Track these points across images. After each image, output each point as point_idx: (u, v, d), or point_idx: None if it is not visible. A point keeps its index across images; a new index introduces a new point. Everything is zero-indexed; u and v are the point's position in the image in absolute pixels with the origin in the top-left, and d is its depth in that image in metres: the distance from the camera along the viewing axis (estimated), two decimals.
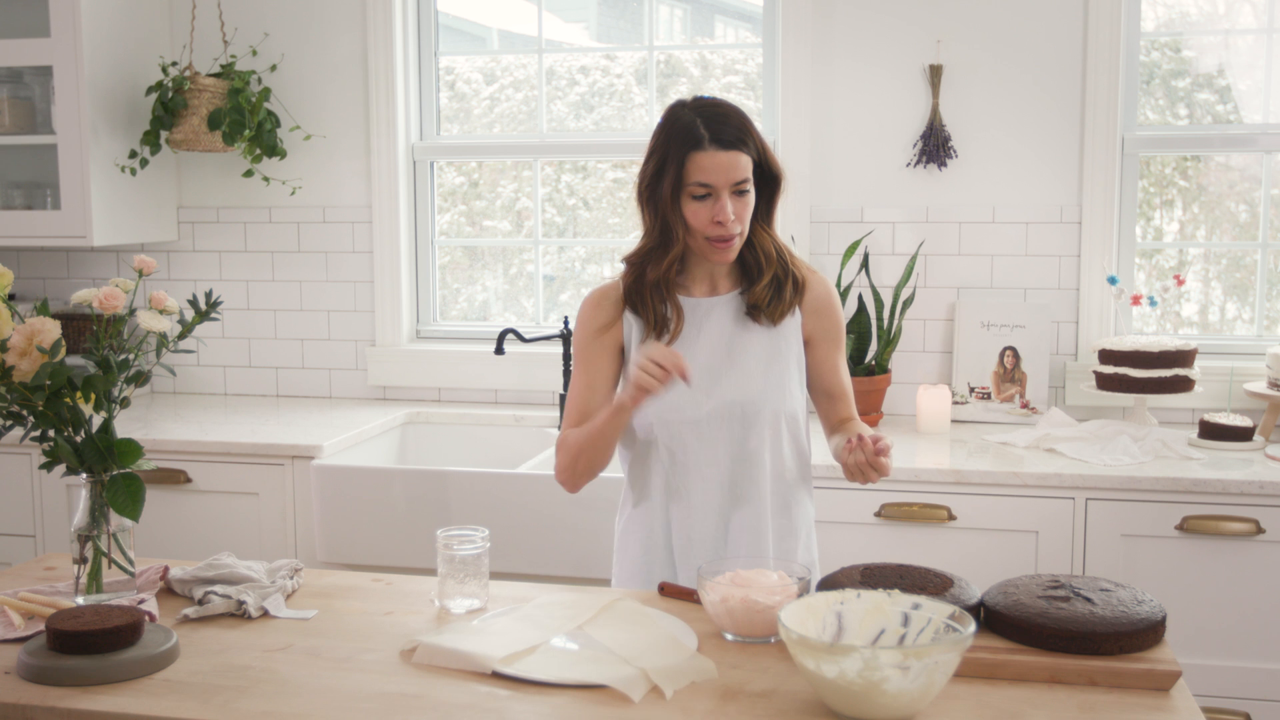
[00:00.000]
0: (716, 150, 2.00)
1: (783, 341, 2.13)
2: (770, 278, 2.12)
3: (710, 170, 2.00)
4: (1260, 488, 2.65)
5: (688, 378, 1.92)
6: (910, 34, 3.33)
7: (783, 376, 2.12)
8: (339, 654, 1.69)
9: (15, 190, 3.59)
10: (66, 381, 1.77)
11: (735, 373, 2.10)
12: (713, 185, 2.01)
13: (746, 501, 2.11)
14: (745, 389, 2.10)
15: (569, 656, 1.65)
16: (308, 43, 3.65)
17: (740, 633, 1.71)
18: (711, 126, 2.02)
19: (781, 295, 2.12)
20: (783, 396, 2.12)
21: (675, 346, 2.10)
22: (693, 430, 2.10)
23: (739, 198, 2.03)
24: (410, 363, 3.67)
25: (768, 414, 2.10)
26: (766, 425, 2.11)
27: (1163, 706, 1.50)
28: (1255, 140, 3.28)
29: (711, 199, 2.02)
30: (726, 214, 2.01)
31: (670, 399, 2.07)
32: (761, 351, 2.12)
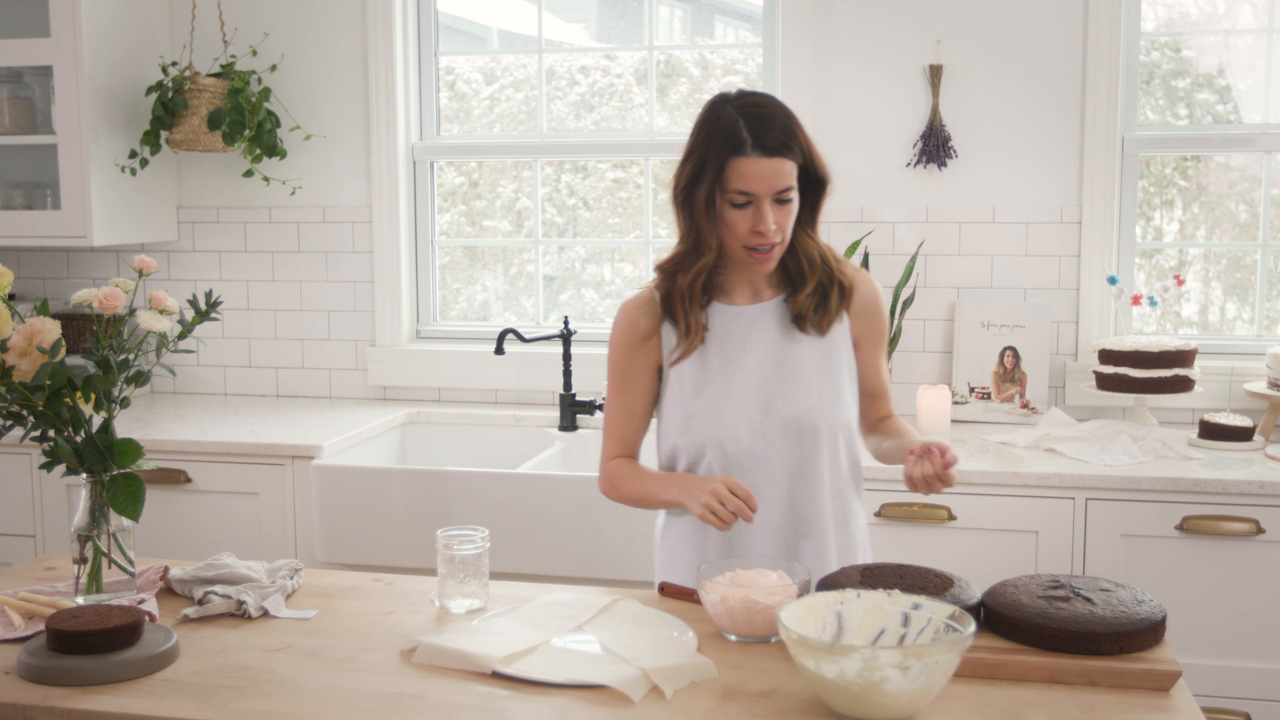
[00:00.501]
0: (759, 157, 1.88)
1: (834, 350, 2.03)
2: (814, 286, 2.00)
3: (752, 178, 1.89)
4: (1260, 488, 2.65)
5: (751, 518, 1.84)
6: (910, 34, 3.33)
7: (837, 388, 2.02)
8: (339, 654, 1.69)
9: (15, 190, 3.59)
10: (66, 381, 1.77)
11: (789, 387, 1.99)
12: (754, 194, 1.89)
13: (808, 522, 2.01)
14: (801, 404, 1.99)
15: (569, 657, 1.65)
16: (308, 43, 3.65)
17: (740, 633, 1.71)
18: (756, 130, 1.89)
19: (827, 304, 2.01)
20: (838, 409, 2.01)
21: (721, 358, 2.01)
22: (749, 454, 1.99)
23: (781, 206, 1.92)
24: (410, 363, 3.67)
25: (825, 429, 1.99)
26: (824, 441, 2.00)
27: (1163, 706, 1.50)
28: (1255, 140, 3.28)
29: (752, 207, 1.90)
30: (767, 224, 1.90)
31: (722, 417, 1.99)
32: (814, 362, 2.01)
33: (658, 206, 3.66)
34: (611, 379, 2.09)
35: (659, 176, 3.66)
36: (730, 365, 2.00)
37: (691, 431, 2.01)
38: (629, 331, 2.06)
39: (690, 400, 2.01)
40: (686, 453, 2.03)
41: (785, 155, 1.90)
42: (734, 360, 2.01)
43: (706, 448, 2.00)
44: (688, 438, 2.02)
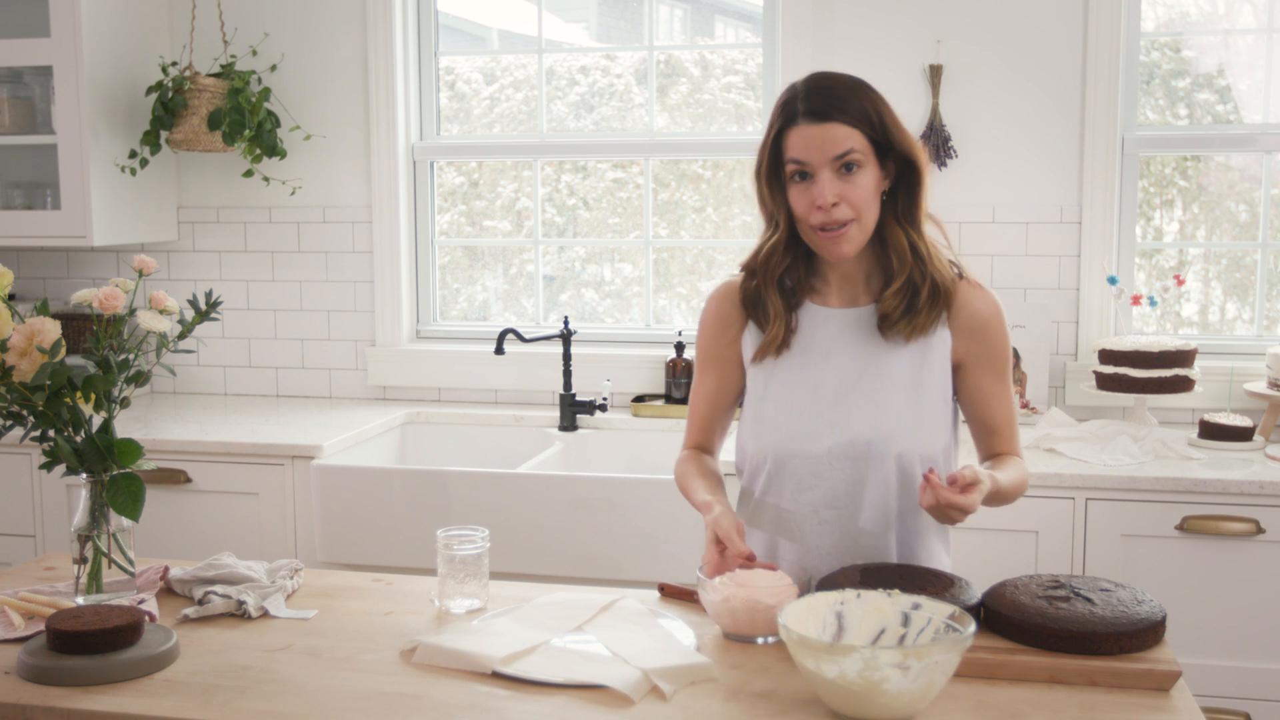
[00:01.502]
0: (809, 124, 1.75)
1: (927, 367, 1.84)
2: (901, 283, 1.83)
3: (801, 146, 1.75)
4: (1260, 488, 2.65)
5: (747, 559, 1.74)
6: (910, 34, 3.33)
7: (921, 412, 1.83)
8: (339, 654, 1.69)
9: (15, 190, 3.59)
10: (66, 381, 1.77)
11: (866, 403, 1.83)
12: (807, 162, 1.75)
13: (867, 552, 1.86)
14: (875, 425, 1.82)
15: (569, 657, 1.64)
16: (308, 43, 3.65)
17: (742, 632, 1.71)
18: (809, 98, 1.76)
19: (914, 306, 1.82)
20: (917, 434, 1.82)
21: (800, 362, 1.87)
22: (811, 470, 1.84)
23: (844, 176, 1.75)
24: (410, 363, 3.67)
25: (897, 455, 1.82)
26: (895, 468, 1.82)
27: (1163, 706, 1.50)
28: (1255, 140, 3.28)
29: (811, 180, 1.76)
30: (824, 195, 1.74)
31: (787, 427, 1.85)
32: (902, 380, 1.83)
33: (658, 206, 3.66)
34: (697, 363, 1.97)
35: (659, 176, 3.66)
36: (808, 371, 1.86)
37: (759, 437, 1.88)
38: (716, 316, 1.94)
39: (759, 403, 1.89)
40: (752, 458, 1.91)
41: (839, 120, 1.75)
42: (813, 366, 1.86)
43: (768, 458, 1.87)
44: (755, 443, 1.89)
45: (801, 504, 1.86)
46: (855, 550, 1.87)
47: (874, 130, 1.79)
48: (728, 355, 1.95)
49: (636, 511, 2.84)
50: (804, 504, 1.86)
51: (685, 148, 3.61)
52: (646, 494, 2.83)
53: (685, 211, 3.68)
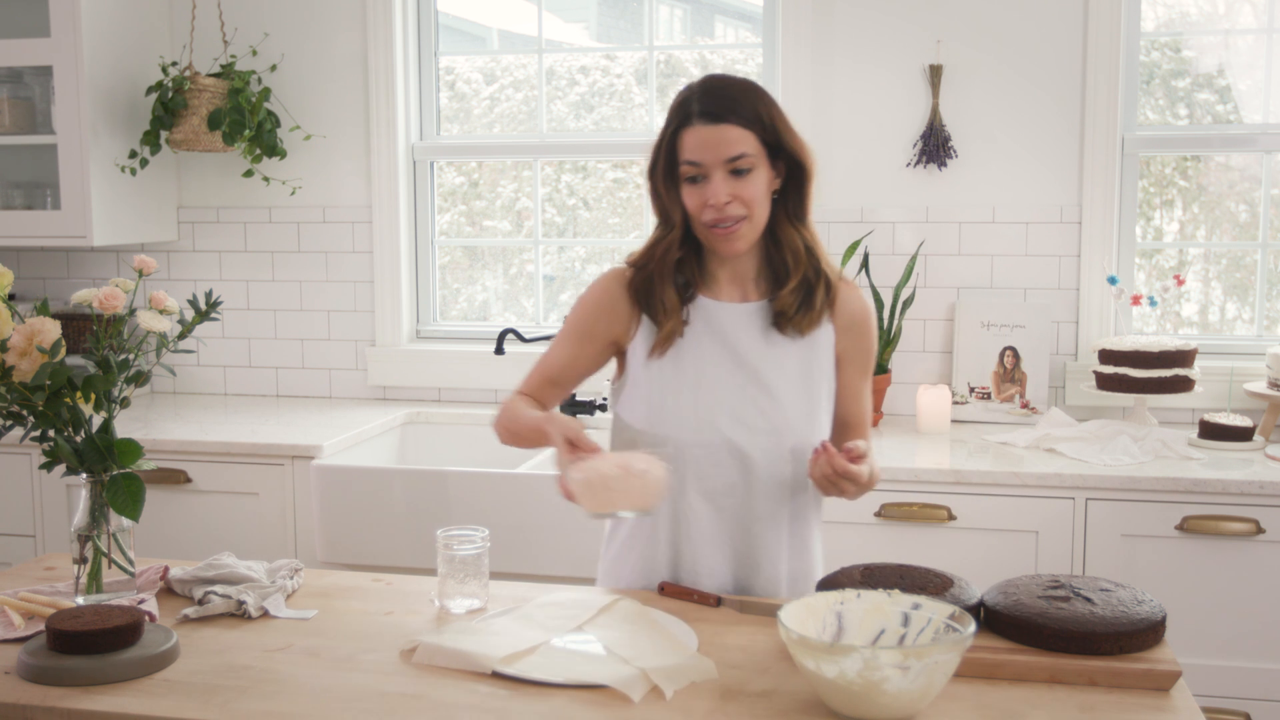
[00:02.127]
0: (703, 125, 1.82)
1: (815, 360, 1.93)
2: (798, 281, 1.90)
3: (695, 147, 1.82)
4: (1260, 488, 2.65)
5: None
6: (910, 34, 3.33)
7: (814, 402, 1.92)
8: (339, 654, 1.69)
9: (15, 190, 3.59)
10: (66, 381, 1.77)
11: (762, 396, 1.90)
12: (701, 163, 1.82)
13: (762, 540, 1.93)
14: (773, 418, 1.90)
15: (569, 657, 1.64)
16: (308, 43, 3.65)
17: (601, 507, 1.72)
18: (704, 100, 1.83)
19: (811, 302, 1.91)
20: (810, 426, 1.92)
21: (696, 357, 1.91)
22: (710, 460, 1.90)
23: (737, 178, 1.83)
24: (410, 363, 3.67)
25: (790, 445, 1.90)
26: (789, 457, 1.91)
27: (1163, 706, 1.50)
28: (1255, 140, 3.28)
29: (705, 180, 1.83)
30: (717, 195, 1.81)
31: (689, 422, 1.90)
32: (794, 373, 1.92)
33: None
34: (567, 331, 2.01)
35: None
36: (703, 364, 1.91)
37: (657, 428, 1.91)
38: (605, 295, 1.97)
39: (656, 396, 1.92)
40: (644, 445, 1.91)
41: (733, 122, 1.82)
42: (707, 360, 1.91)
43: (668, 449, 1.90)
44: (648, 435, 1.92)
45: (699, 493, 1.92)
46: (750, 539, 1.94)
47: (765, 132, 1.85)
48: (601, 335, 1.98)
49: None
50: (701, 493, 1.92)
51: None
52: None
53: None
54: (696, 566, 1.94)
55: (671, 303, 1.91)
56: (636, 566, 1.99)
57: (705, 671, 1.59)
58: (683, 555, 1.95)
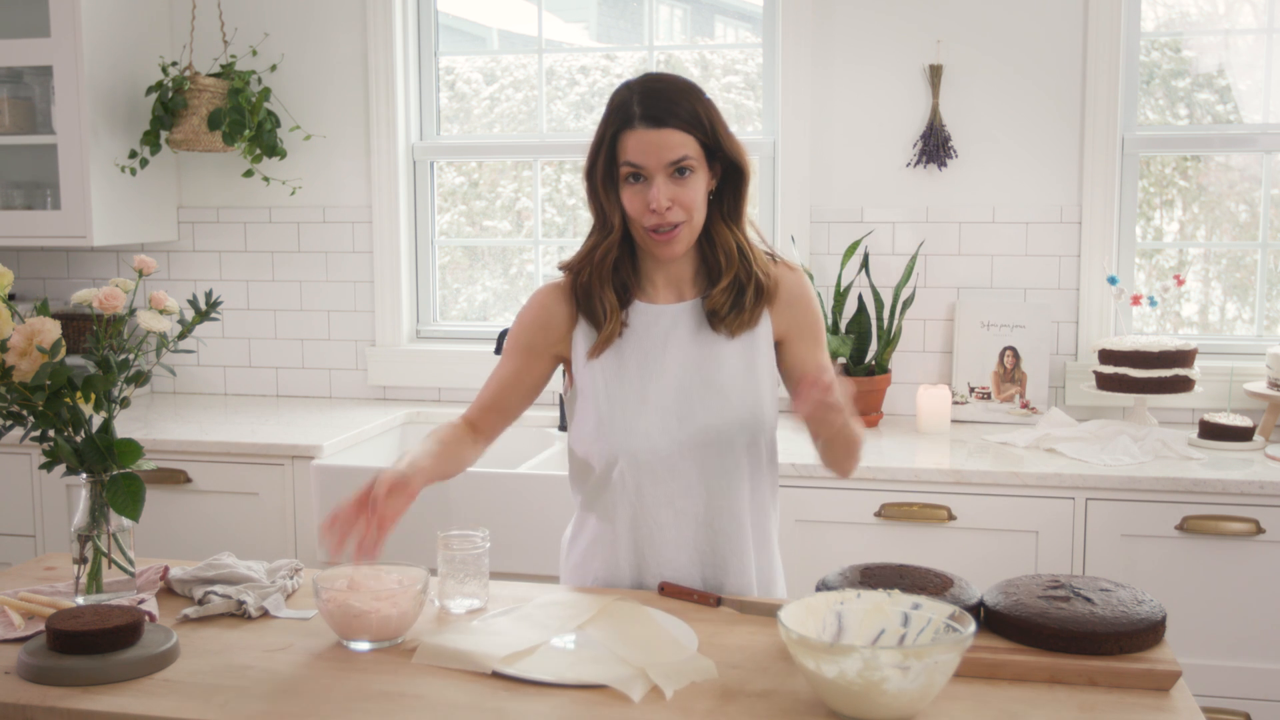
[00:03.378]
0: (645, 128, 1.80)
1: (754, 353, 1.93)
2: (729, 281, 1.90)
3: (637, 150, 1.80)
4: (1260, 488, 2.65)
5: (362, 557, 1.68)
6: (910, 34, 3.33)
7: (757, 394, 1.92)
8: (339, 654, 1.69)
9: (15, 190, 3.59)
10: (66, 381, 1.77)
11: (707, 394, 1.90)
12: (642, 166, 1.81)
13: (726, 538, 1.94)
14: (719, 413, 1.90)
15: (569, 656, 1.64)
16: (308, 43, 3.65)
17: (340, 635, 1.69)
18: (645, 102, 1.81)
19: (740, 303, 1.90)
20: (759, 420, 1.92)
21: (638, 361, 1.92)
22: (664, 464, 1.91)
23: (677, 180, 1.81)
24: (410, 363, 3.67)
25: (744, 441, 1.91)
26: (744, 454, 1.92)
27: (1163, 706, 1.50)
28: (1255, 140, 3.28)
29: (645, 183, 1.82)
30: (659, 199, 1.80)
31: (637, 425, 1.90)
32: (734, 367, 1.92)
33: None
34: (507, 350, 2.00)
35: None
36: (647, 369, 1.91)
37: (605, 438, 1.91)
38: (541, 309, 1.97)
39: (604, 405, 1.92)
40: (599, 459, 1.94)
41: (674, 125, 1.80)
42: (652, 363, 1.91)
43: (619, 456, 1.91)
44: (600, 444, 1.92)
45: (657, 498, 1.92)
46: (714, 538, 1.94)
47: (705, 136, 1.84)
48: (540, 350, 1.98)
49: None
50: (659, 498, 1.92)
51: None
52: None
53: None
54: (663, 572, 1.95)
55: (611, 304, 1.91)
56: (600, 575, 1.99)
57: (705, 671, 1.59)
58: (647, 561, 1.95)
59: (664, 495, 1.92)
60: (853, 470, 1.96)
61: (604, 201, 1.87)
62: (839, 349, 3.22)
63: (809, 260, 3.40)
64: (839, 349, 3.22)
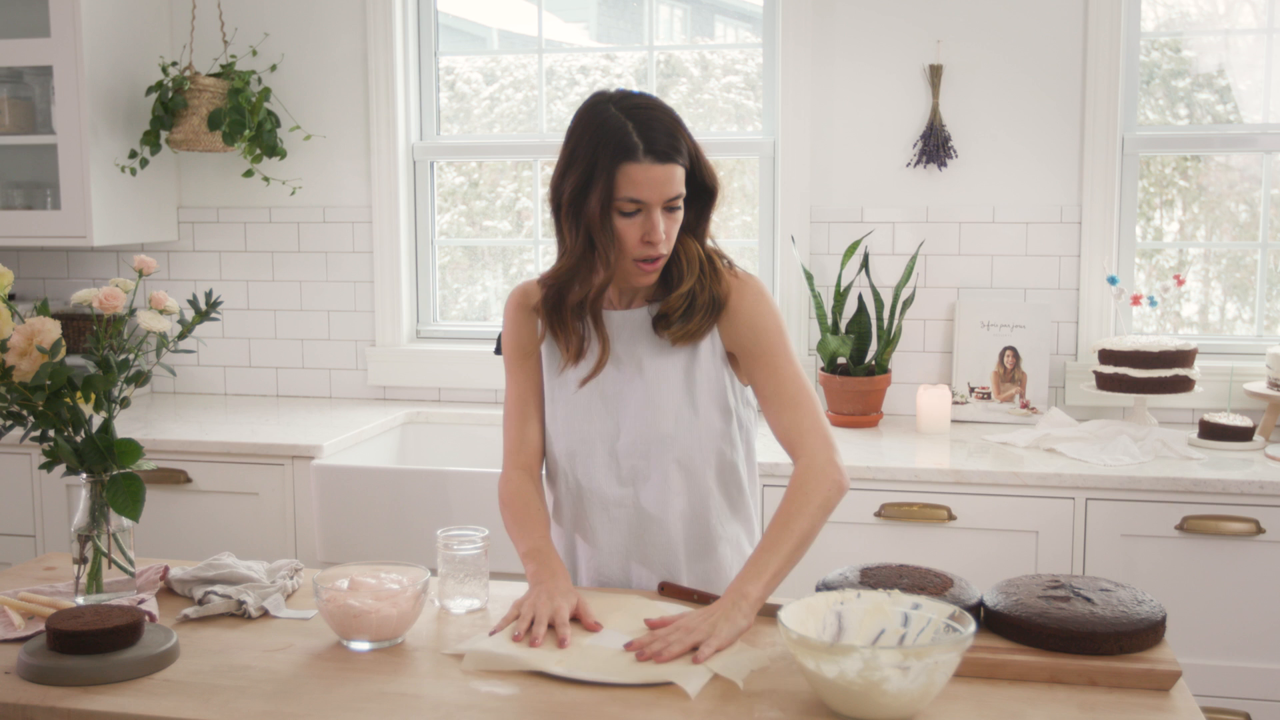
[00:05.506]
0: (652, 163, 1.77)
1: (697, 363, 1.91)
2: (687, 290, 1.88)
3: (644, 185, 1.77)
4: (1260, 488, 2.65)
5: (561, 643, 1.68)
6: (910, 34, 3.33)
7: (695, 405, 1.91)
8: (339, 654, 1.69)
9: (15, 190, 3.59)
10: (66, 381, 1.77)
11: (645, 406, 1.91)
12: (645, 201, 1.78)
13: (655, 548, 1.96)
14: (655, 424, 1.91)
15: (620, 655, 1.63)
16: (308, 43, 3.65)
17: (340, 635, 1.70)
18: (646, 134, 1.77)
19: (690, 314, 1.88)
20: (692, 430, 1.91)
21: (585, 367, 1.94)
22: (601, 465, 1.95)
23: (670, 214, 1.81)
24: (410, 363, 3.67)
25: (677, 453, 1.91)
26: (674, 466, 1.92)
27: (1163, 706, 1.50)
28: (1255, 140, 3.28)
29: (642, 216, 1.79)
30: (658, 233, 1.79)
31: (581, 429, 1.94)
32: (676, 379, 1.91)
33: None
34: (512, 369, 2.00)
35: None
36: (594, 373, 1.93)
37: (554, 439, 1.98)
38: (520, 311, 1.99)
39: (554, 406, 1.98)
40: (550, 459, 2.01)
41: (677, 161, 1.79)
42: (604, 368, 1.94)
43: (560, 458, 1.98)
44: (551, 444, 1.99)
45: (592, 502, 1.97)
46: (645, 543, 1.96)
47: (692, 166, 1.85)
48: (531, 349, 2.00)
49: None
50: (594, 502, 1.97)
51: None
52: None
53: None
54: (600, 575, 2.01)
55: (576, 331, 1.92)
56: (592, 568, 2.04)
57: (759, 660, 1.61)
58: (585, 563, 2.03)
59: (599, 501, 1.96)
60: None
61: (599, 234, 1.81)
62: (839, 349, 3.22)
63: (809, 260, 3.40)
64: (839, 349, 3.22)
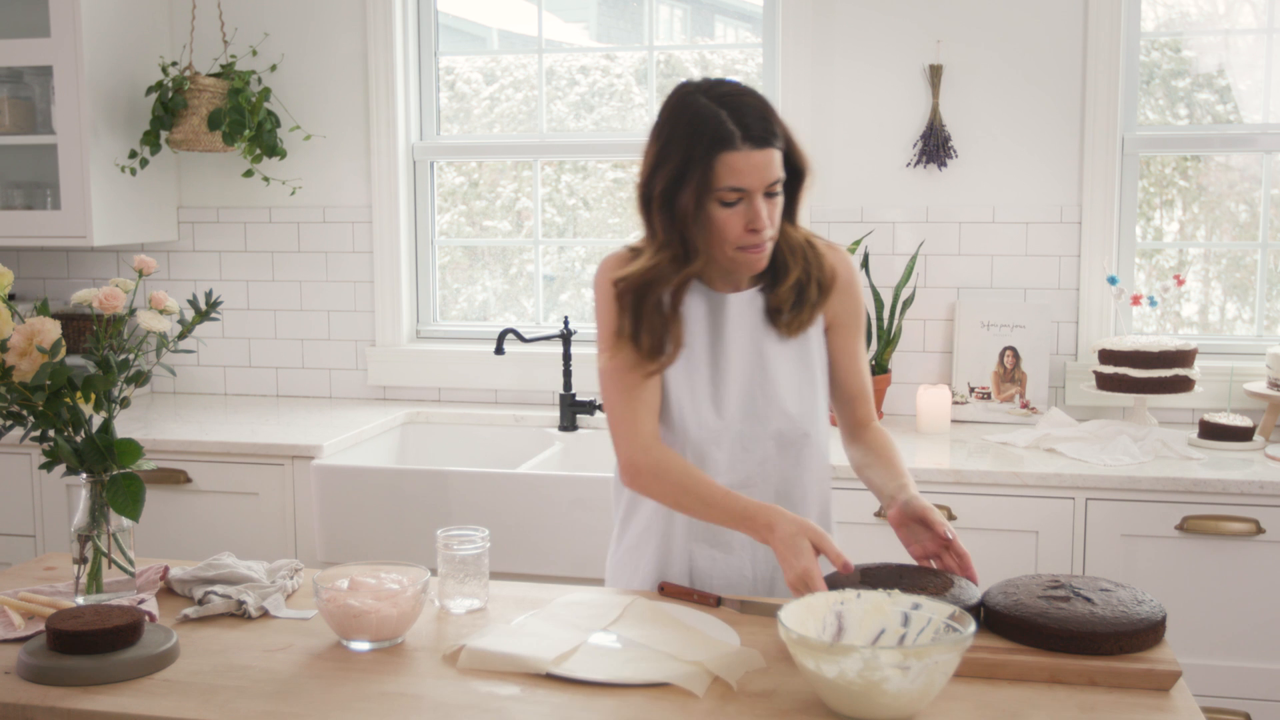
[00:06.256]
0: (751, 149, 1.74)
1: (808, 348, 1.92)
2: (794, 279, 1.87)
3: (746, 173, 1.74)
4: (1260, 488, 2.65)
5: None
6: (910, 34, 3.33)
7: (814, 387, 1.92)
8: (339, 654, 1.69)
9: (15, 190, 3.59)
10: (66, 381, 1.77)
11: (772, 391, 1.89)
12: (747, 189, 1.75)
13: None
14: (783, 412, 1.89)
15: (618, 655, 1.63)
16: (308, 43, 3.65)
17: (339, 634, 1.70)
18: (741, 121, 1.74)
19: (803, 302, 1.88)
20: (816, 415, 1.92)
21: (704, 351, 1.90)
22: (725, 453, 1.90)
23: (770, 199, 1.78)
24: (410, 363, 3.67)
25: (809, 438, 1.91)
26: (810, 451, 1.92)
27: (1163, 706, 1.50)
28: (1255, 140, 3.28)
29: (744, 204, 1.76)
30: (763, 220, 1.76)
31: (703, 416, 1.88)
32: (792, 365, 1.91)
33: None
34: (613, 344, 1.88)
35: None
36: (711, 357, 1.89)
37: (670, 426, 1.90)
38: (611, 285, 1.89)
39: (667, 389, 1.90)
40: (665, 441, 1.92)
41: (774, 144, 1.76)
42: (718, 355, 1.89)
43: (684, 447, 1.90)
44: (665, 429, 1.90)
45: None
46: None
47: (787, 148, 1.82)
48: None
49: None
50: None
51: None
52: None
53: None
54: (713, 569, 1.93)
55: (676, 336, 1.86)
56: (650, 564, 1.97)
57: (754, 661, 1.60)
58: (697, 557, 1.94)
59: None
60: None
61: (691, 226, 1.78)
62: None
63: None
64: None
